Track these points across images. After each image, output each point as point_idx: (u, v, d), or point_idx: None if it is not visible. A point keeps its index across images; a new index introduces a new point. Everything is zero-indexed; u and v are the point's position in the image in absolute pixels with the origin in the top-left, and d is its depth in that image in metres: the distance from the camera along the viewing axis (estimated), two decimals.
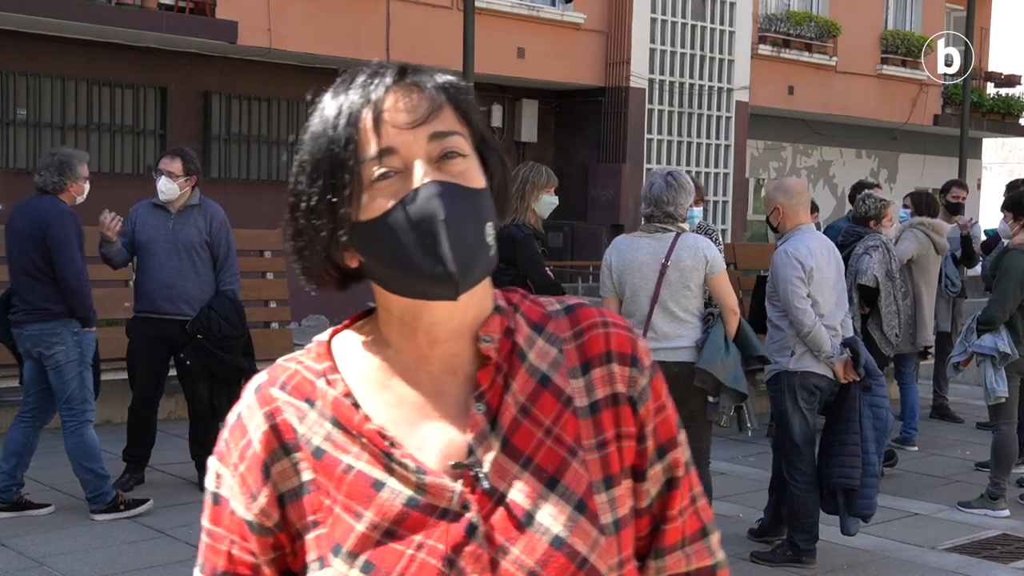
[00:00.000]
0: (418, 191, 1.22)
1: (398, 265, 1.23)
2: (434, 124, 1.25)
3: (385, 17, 15.10)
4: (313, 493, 1.28)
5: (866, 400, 5.77)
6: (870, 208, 7.61)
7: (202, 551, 1.37)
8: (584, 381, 1.32)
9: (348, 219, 1.25)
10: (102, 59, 13.90)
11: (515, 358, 1.31)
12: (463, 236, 1.22)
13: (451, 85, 1.29)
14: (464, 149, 1.27)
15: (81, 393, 6.20)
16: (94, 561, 5.57)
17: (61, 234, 6.08)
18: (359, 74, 1.29)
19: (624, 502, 1.33)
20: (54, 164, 6.20)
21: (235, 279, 6.94)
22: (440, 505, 1.25)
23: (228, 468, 1.33)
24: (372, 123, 1.24)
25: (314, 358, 1.34)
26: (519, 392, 1.30)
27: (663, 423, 1.37)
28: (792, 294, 5.73)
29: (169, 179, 6.70)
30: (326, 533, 1.26)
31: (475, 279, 1.25)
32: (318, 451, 1.28)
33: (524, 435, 1.28)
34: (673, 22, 17.55)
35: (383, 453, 1.26)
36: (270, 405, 1.31)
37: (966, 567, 5.97)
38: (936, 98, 22.74)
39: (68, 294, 6.09)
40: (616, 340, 1.35)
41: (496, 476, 1.26)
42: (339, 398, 1.30)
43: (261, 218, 14.00)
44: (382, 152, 1.23)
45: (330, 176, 1.25)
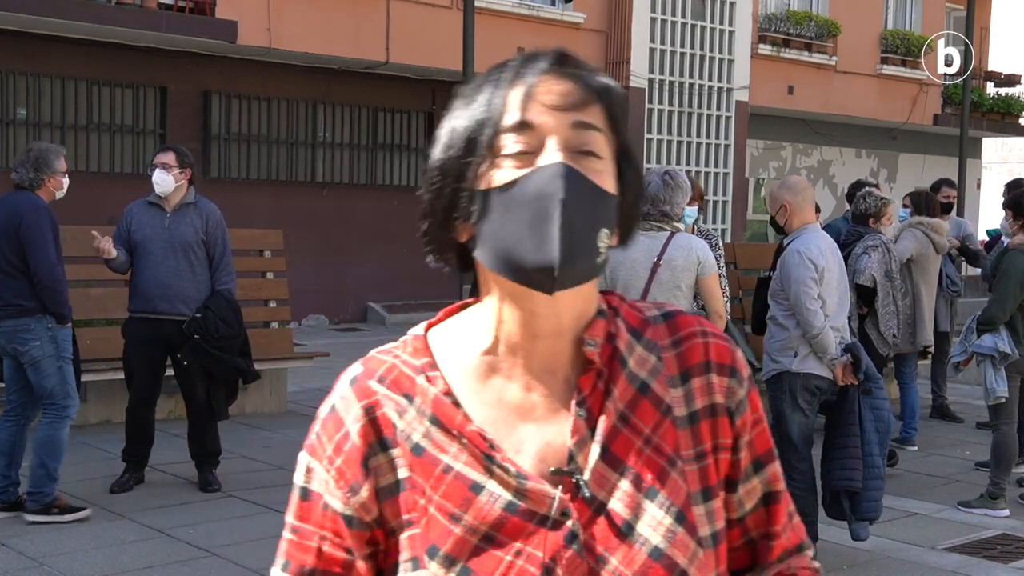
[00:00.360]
0: (545, 167, 1.19)
1: (506, 239, 1.20)
2: (581, 114, 1.22)
3: (385, 17, 15.10)
4: (408, 491, 1.25)
5: (867, 403, 5.76)
6: (870, 206, 7.60)
7: (285, 548, 1.34)
8: (683, 391, 1.30)
9: (473, 185, 1.23)
10: (102, 59, 13.90)
11: (616, 363, 1.29)
12: (574, 226, 1.18)
13: (607, 87, 1.26)
14: (603, 152, 1.24)
15: (63, 388, 6.12)
16: (94, 561, 5.57)
17: (34, 228, 6.01)
18: (515, 59, 1.27)
19: (721, 515, 1.31)
20: (30, 160, 6.13)
21: (231, 278, 6.92)
22: (539, 512, 1.22)
23: (322, 462, 1.30)
24: (519, 97, 1.21)
25: (411, 353, 1.31)
26: (619, 399, 1.27)
27: (760, 436, 1.36)
28: (805, 295, 5.69)
29: (163, 171, 6.68)
30: (420, 534, 1.24)
31: (574, 277, 1.21)
32: (417, 448, 1.26)
33: (623, 443, 1.26)
34: (673, 22, 17.55)
35: (483, 455, 1.24)
36: (369, 398, 1.29)
37: (966, 567, 5.97)
38: (936, 98, 22.75)
39: (40, 289, 6.01)
40: (715, 350, 1.33)
41: (596, 484, 1.24)
42: (439, 396, 1.27)
43: (261, 218, 14.02)
44: (520, 125, 1.21)
45: (466, 141, 1.23)
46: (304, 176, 16.03)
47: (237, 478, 7.11)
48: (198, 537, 5.97)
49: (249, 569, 5.49)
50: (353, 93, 16.16)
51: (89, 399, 8.44)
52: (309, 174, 16.07)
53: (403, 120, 16.93)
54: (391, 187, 16.84)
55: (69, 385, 6.18)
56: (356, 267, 16.29)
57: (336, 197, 16.22)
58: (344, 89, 16.01)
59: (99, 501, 6.55)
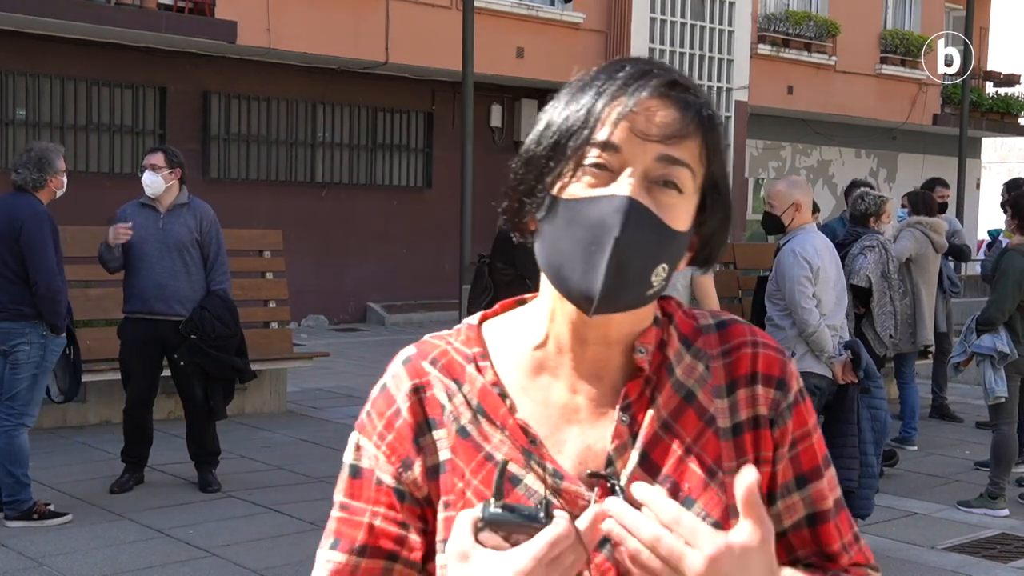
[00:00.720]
0: (611, 198, 1.18)
1: (560, 252, 1.21)
2: (670, 148, 1.20)
3: (384, 17, 15.10)
4: (448, 473, 1.26)
5: (864, 401, 5.77)
6: (869, 206, 7.62)
7: (334, 527, 1.33)
8: (728, 402, 1.30)
9: (547, 187, 1.23)
10: (101, 59, 13.90)
11: (664, 371, 1.29)
12: (626, 264, 1.18)
13: (711, 119, 1.24)
14: (686, 186, 1.22)
15: (28, 395, 6.08)
16: (94, 561, 5.57)
17: (36, 238, 5.99)
18: (632, 64, 1.25)
19: None
20: (32, 160, 6.10)
21: (226, 278, 6.92)
22: (573, 512, 1.21)
23: (372, 439, 1.30)
24: (615, 115, 1.20)
25: (464, 341, 1.32)
26: (663, 407, 1.27)
27: (806, 452, 1.33)
28: (799, 294, 5.72)
29: (153, 172, 6.68)
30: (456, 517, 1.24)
31: (615, 307, 1.21)
32: (463, 431, 1.27)
33: (664, 451, 1.26)
34: (672, 22, 17.55)
35: (523, 450, 1.25)
36: (420, 378, 1.30)
37: (965, 566, 5.97)
38: (935, 98, 22.75)
39: (39, 299, 5.99)
40: (764, 361, 1.31)
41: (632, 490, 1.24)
42: (487, 386, 1.28)
43: (260, 218, 14.02)
44: (606, 144, 1.20)
45: (554, 142, 1.23)
46: (303, 176, 16.02)
47: (237, 478, 7.11)
48: (198, 537, 5.98)
49: (249, 569, 5.49)
50: (352, 93, 16.16)
51: (89, 399, 8.44)
52: (308, 174, 16.07)
53: (402, 120, 16.93)
54: (390, 187, 16.84)
55: (36, 395, 6.15)
56: (355, 267, 16.29)
57: (335, 197, 16.22)
58: (343, 89, 16.01)
59: (99, 501, 6.55)
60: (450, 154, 16.14)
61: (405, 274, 16.73)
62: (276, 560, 5.60)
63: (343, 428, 8.91)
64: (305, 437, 8.50)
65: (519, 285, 6.24)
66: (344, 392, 10.44)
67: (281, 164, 15.81)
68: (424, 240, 16.84)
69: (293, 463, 7.63)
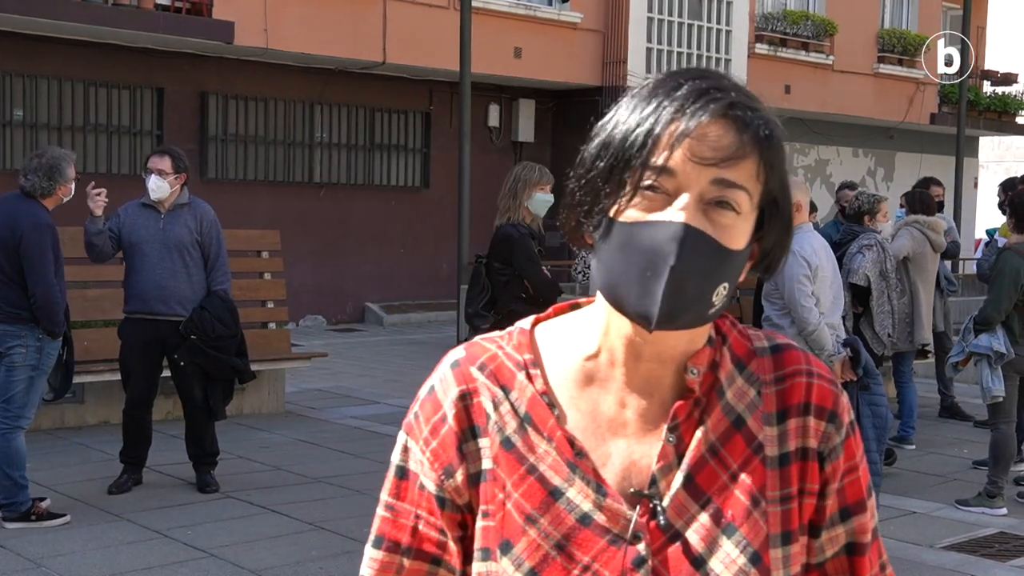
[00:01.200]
0: (667, 224, 1.18)
1: (616, 274, 1.21)
2: (725, 171, 1.19)
3: (382, 17, 15.10)
4: (489, 483, 1.26)
5: (865, 399, 5.77)
6: (863, 204, 7.64)
7: (379, 525, 1.33)
8: (778, 430, 1.28)
9: (604, 209, 1.22)
10: (98, 60, 13.90)
11: (714, 394, 1.28)
12: (684, 288, 1.17)
13: (770, 137, 1.23)
14: (742, 206, 1.20)
15: (24, 398, 6.07)
16: (92, 562, 5.57)
17: (36, 250, 5.98)
18: (691, 82, 1.22)
19: (798, 560, 1.28)
20: (43, 168, 6.08)
21: (226, 278, 6.92)
22: (613, 530, 1.22)
23: (418, 442, 1.30)
24: (672, 138, 1.19)
25: (515, 346, 1.31)
26: (711, 431, 1.26)
27: (852, 484, 1.32)
28: (799, 292, 5.73)
29: (160, 177, 6.68)
30: (495, 527, 1.25)
31: (676, 326, 1.21)
32: (507, 442, 1.26)
33: (709, 475, 1.25)
34: (670, 21, 17.56)
35: (568, 462, 1.24)
36: (468, 384, 1.29)
37: (964, 565, 5.97)
38: (933, 97, 22.76)
39: (36, 309, 5.99)
40: (818, 392, 1.30)
41: (674, 512, 1.23)
42: (536, 395, 1.27)
43: (258, 218, 14.02)
44: (663, 169, 1.18)
45: (611, 164, 1.22)
46: (301, 176, 16.02)
47: (235, 479, 7.11)
48: (196, 538, 5.97)
49: (247, 570, 5.49)
50: (350, 93, 16.16)
51: (87, 400, 8.44)
52: (306, 174, 16.06)
53: (400, 120, 16.92)
54: (388, 187, 16.84)
55: (33, 397, 6.14)
56: (353, 267, 16.29)
57: (333, 197, 16.22)
58: (341, 89, 16.01)
59: (97, 502, 6.55)
60: (448, 154, 16.14)
61: (403, 274, 16.74)
62: (275, 560, 5.60)
63: (341, 428, 8.92)
64: (303, 437, 8.49)
65: (516, 285, 6.24)
66: (342, 392, 10.44)
67: (279, 164, 15.80)
68: (422, 240, 16.84)
69: (291, 463, 7.63)
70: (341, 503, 6.67)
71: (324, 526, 6.18)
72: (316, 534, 6.04)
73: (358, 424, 8.97)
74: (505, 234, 6.24)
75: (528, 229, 6.24)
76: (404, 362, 12.60)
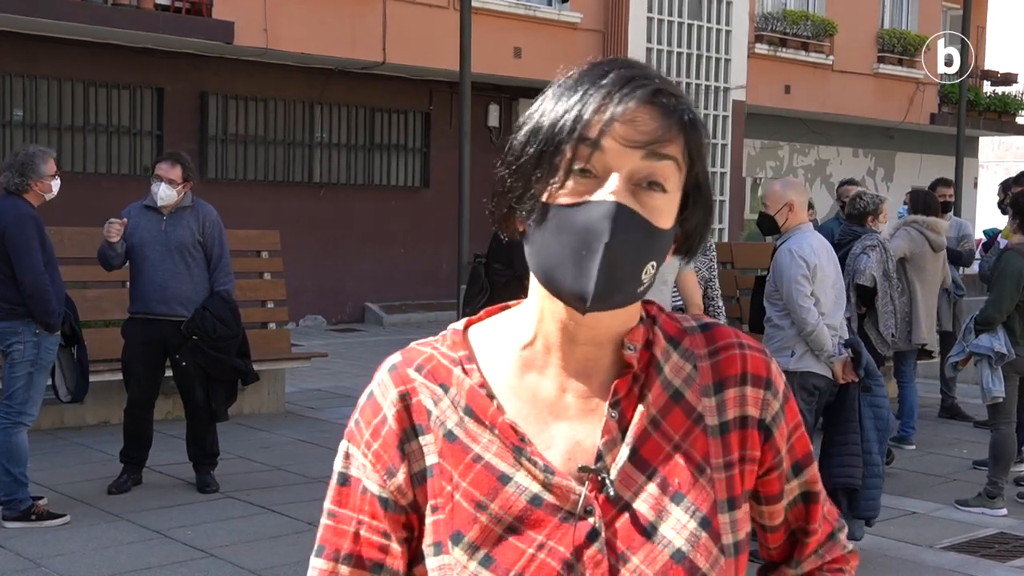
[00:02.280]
0: (599, 204, 1.21)
1: (550, 256, 1.24)
2: (656, 146, 1.23)
3: (382, 17, 15.10)
4: (436, 477, 1.28)
5: (867, 400, 5.76)
6: (868, 204, 7.63)
7: (322, 534, 1.35)
8: (716, 400, 1.33)
9: (535, 194, 1.25)
10: (98, 60, 13.89)
11: (652, 370, 1.31)
12: (617, 266, 1.21)
13: (693, 123, 1.27)
14: (671, 184, 1.25)
15: (25, 394, 6.09)
16: (91, 562, 5.57)
17: (20, 239, 6.00)
18: (616, 70, 1.26)
19: (743, 526, 1.33)
20: (16, 164, 6.13)
21: (229, 279, 6.93)
22: (564, 507, 1.25)
23: (359, 447, 1.32)
24: (601, 122, 1.22)
25: (450, 346, 1.34)
26: (652, 404, 1.30)
27: (799, 441, 1.40)
28: (797, 292, 5.73)
29: (169, 186, 6.71)
30: (444, 519, 1.27)
31: (608, 305, 1.24)
32: (450, 435, 1.29)
33: (653, 447, 1.28)
34: (670, 21, 17.56)
35: (513, 448, 1.27)
36: (406, 385, 1.32)
37: (964, 566, 5.97)
38: (933, 97, 22.77)
39: (27, 299, 6.01)
40: (752, 362, 1.35)
41: (621, 484, 1.26)
42: (475, 387, 1.30)
43: (258, 218, 14.00)
44: (592, 152, 1.22)
45: (541, 150, 1.25)
46: (301, 177, 16.02)
47: (235, 479, 7.11)
48: (196, 538, 5.97)
49: (247, 570, 5.49)
50: (350, 93, 16.16)
51: (87, 400, 8.42)
52: (306, 175, 16.06)
53: (400, 120, 16.92)
54: (388, 187, 16.83)
55: (34, 393, 6.15)
56: (353, 267, 16.29)
57: (333, 198, 16.21)
58: (341, 89, 16.01)
59: (97, 502, 6.55)
60: (448, 154, 16.14)
61: (403, 274, 16.73)
62: (274, 560, 5.60)
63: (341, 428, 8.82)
64: (303, 437, 8.49)
65: (516, 286, 6.23)
66: (342, 392, 10.44)
67: (279, 164, 15.80)
68: (422, 240, 16.83)
69: (291, 463, 7.63)
70: None
71: None
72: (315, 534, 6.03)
73: None
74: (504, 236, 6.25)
75: None
76: None
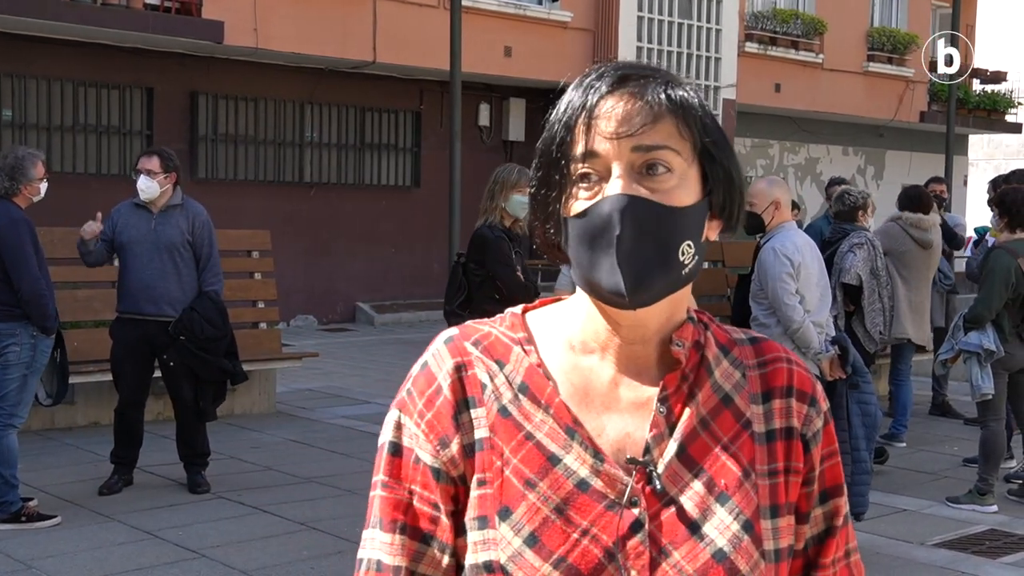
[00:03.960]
0: (605, 200, 1.23)
1: (583, 264, 1.26)
2: (641, 137, 1.23)
3: (372, 16, 15.08)
4: (486, 451, 1.28)
5: (854, 398, 5.78)
6: (856, 199, 7.66)
7: (378, 506, 1.32)
8: (763, 409, 1.33)
9: (556, 214, 1.28)
10: (88, 59, 13.86)
11: (703, 371, 1.32)
12: (638, 254, 1.22)
13: (673, 98, 1.26)
14: (672, 164, 1.24)
15: (18, 396, 6.08)
16: (82, 563, 5.56)
17: (14, 244, 5.98)
18: (587, 75, 1.29)
19: (786, 535, 1.32)
20: (5, 168, 6.09)
21: (218, 280, 6.91)
22: (610, 495, 1.25)
23: (412, 417, 1.31)
24: (583, 126, 1.25)
25: (508, 326, 1.35)
26: (702, 404, 1.31)
27: (831, 469, 1.38)
28: (782, 290, 5.75)
29: (148, 177, 6.67)
30: (492, 494, 1.26)
31: (654, 295, 1.25)
32: (504, 411, 1.29)
33: (701, 446, 1.29)
34: (660, 20, 17.57)
35: (566, 428, 1.27)
36: (463, 357, 1.32)
37: (955, 562, 5.99)
38: (922, 95, 22.81)
39: (24, 304, 5.99)
40: (798, 377, 1.36)
41: (668, 479, 1.27)
42: (533, 366, 1.31)
43: (249, 218, 13.99)
44: (586, 155, 1.24)
45: (546, 172, 1.28)
46: (292, 176, 16.00)
47: (226, 479, 7.10)
48: (187, 539, 5.96)
49: (239, 570, 5.48)
50: (340, 93, 16.14)
51: (77, 401, 8.42)
52: (297, 174, 16.04)
53: (391, 120, 16.91)
54: (379, 187, 16.82)
55: (26, 396, 6.14)
56: (344, 267, 16.27)
57: (324, 197, 16.20)
58: (331, 89, 15.99)
59: (87, 503, 6.54)
60: (438, 153, 16.14)
61: (394, 274, 16.72)
62: (266, 561, 5.60)
63: (333, 428, 8.91)
64: (294, 437, 8.48)
65: (490, 286, 6.25)
66: (333, 392, 10.43)
67: (269, 164, 15.78)
68: (413, 239, 16.83)
69: (282, 464, 7.62)
70: (332, 503, 6.67)
71: (315, 526, 6.17)
72: (307, 534, 6.04)
73: (349, 424, 8.96)
74: (480, 235, 6.26)
75: (506, 231, 6.23)
76: (395, 362, 12.58)
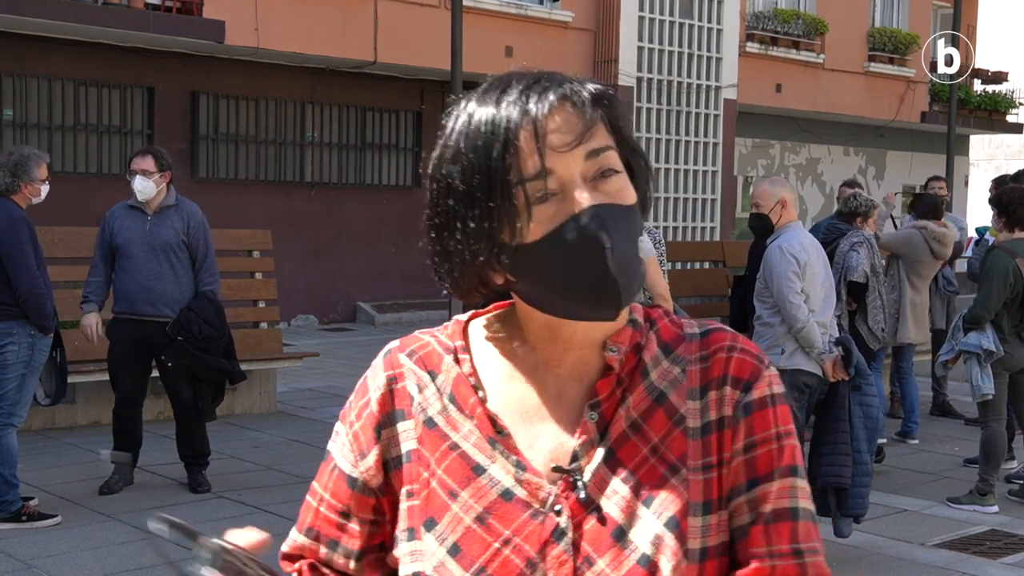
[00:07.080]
0: (580, 216, 1.20)
1: (561, 288, 1.22)
2: (590, 142, 1.23)
3: (373, 16, 15.08)
4: (413, 463, 1.30)
5: (856, 399, 5.78)
6: (860, 206, 7.69)
7: (302, 507, 1.40)
8: (701, 403, 1.29)
9: (506, 243, 1.22)
10: (89, 59, 13.86)
11: (638, 375, 1.30)
12: (625, 259, 1.22)
13: (603, 96, 1.27)
14: (617, 164, 1.25)
15: (16, 395, 6.07)
16: (83, 563, 5.56)
17: (13, 243, 5.97)
18: (511, 84, 1.27)
19: (716, 532, 1.26)
20: (9, 164, 6.08)
21: (214, 279, 6.90)
22: (533, 504, 1.25)
23: (345, 426, 1.36)
24: (532, 143, 1.21)
25: (449, 335, 1.36)
26: (633, 407, 1.28)
27: (764, 456, 1.28)
28: (787, 289, 5.76)
29: (144, 177, 6.66)
30: (419, 506, 1.28)
31: (633, 296, 1.25)
32: (430, 422, 1.30)
33: (630, 450, 1.26)
34: (661, 20, 17.57)
35: (489, 440, 1.28)
36: (394, 370, 1.34)
37: (955, 563, 5.99)
38: (923, 95, 22.81)
39: (23, 303, 5.98)
40: (736, 364, 1.30)
41: (594, 486, 1.25)
42: (462, 376, 1.31)
43: (250, 218, 14.00)
44: (541, 173, 1.20)
45: (487, 198, 1.21)
46: (292, 176, 16.00)
47: (226, 479, 7.10)
48: None
49: None
50: (341, 93, 16.14)
51: (77, 401, 8.42)
52: (297, 174, 16.05)
53: (392, 120, 16.91)
54: (380, 187, 16.83)
55: (25, 395, 6.13)
56: (345, 267, 16.27)
57: (325, 197, 16.20)
58: (332, 89, 15.99)
59: (88, 503, 6.54)
60: None
61: (395, 273, 16.72)
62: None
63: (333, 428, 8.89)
64: (295, 437, 8.48)
65: None
66: (334, 392, 10.43)
67: (270, 164, 15.78)
68: (413, 239, 16.50)
69: (283, 463, 7.62)
70: None
71: None
72: None
73: None
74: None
75: None
76: None
